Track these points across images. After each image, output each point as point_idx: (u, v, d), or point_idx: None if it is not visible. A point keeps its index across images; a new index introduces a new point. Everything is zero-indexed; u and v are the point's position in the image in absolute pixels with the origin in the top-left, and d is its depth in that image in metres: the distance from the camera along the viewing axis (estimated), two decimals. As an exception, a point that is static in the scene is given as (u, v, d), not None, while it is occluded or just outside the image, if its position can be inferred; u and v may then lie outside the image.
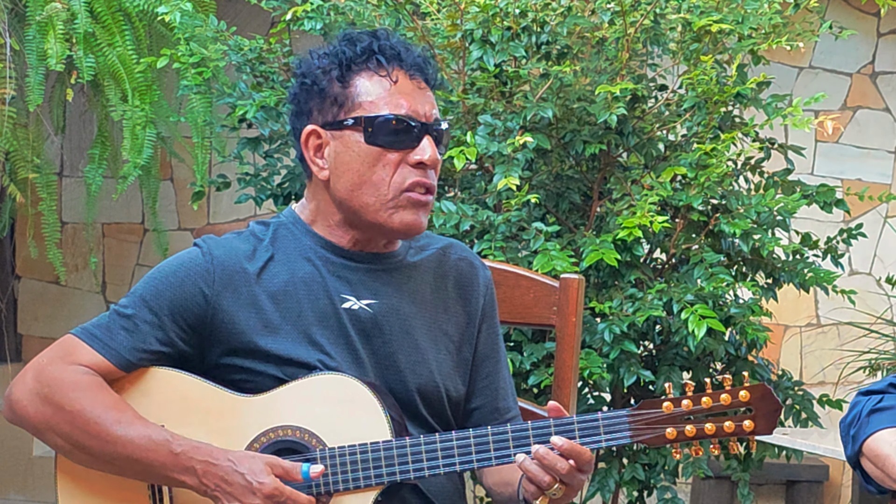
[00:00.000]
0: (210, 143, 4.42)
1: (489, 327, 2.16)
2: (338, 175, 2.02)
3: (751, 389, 1.87)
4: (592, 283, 3.25)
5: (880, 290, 5.73)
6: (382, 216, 2.00)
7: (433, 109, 2.04)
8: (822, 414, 3.49)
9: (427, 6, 3.26)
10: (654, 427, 1.88)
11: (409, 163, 2.00)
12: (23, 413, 1.98)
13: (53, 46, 4.17)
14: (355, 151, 2.00)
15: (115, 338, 1.98)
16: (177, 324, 1.99)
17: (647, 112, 3.31)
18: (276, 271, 2.02)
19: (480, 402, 2.15)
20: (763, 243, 3.17)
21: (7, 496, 5.75)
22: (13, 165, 4.58)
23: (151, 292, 2.00)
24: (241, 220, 6.13)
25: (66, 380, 1.95)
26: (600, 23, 3.26)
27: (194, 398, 1.98)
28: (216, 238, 2.06)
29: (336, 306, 2.01)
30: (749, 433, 1.88)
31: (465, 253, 2.17)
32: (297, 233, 2.06)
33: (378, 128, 1.99)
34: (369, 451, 1.93)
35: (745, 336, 3.16)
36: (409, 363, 2.04)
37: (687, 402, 1.88)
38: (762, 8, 3.24)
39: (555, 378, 2.28)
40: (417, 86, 2.03)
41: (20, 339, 6.33)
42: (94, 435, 1.93)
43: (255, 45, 3.49)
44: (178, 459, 1.91)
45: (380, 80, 2.02)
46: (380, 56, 2.02)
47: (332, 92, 2.02)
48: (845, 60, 5.95)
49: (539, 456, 1.89)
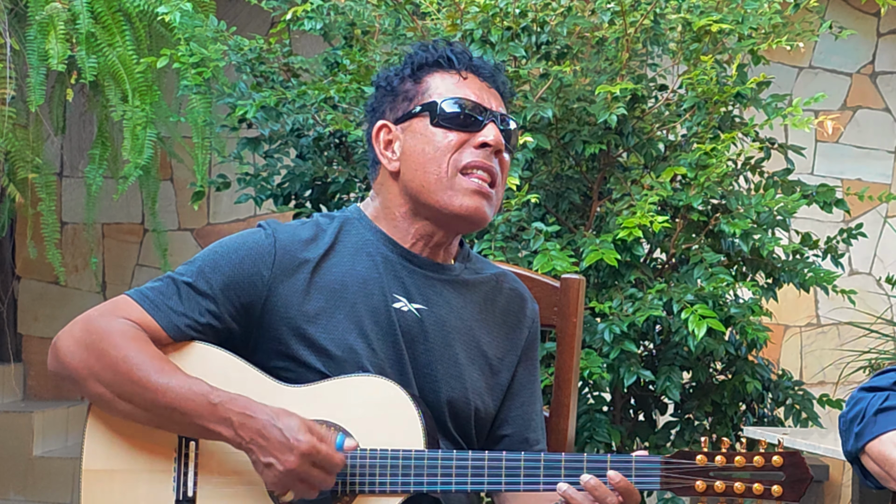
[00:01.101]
0: (210, 143, 4.42)
1: (529, 360, 2.18)
2: (405, 163, 2.05)
3: (785, 456, 1.91)
4: (592, 283, 3.25)
5: (880, 290, 5.74)
6: (443, 197, 2.01)
7: (500, 107, 2.08)
8: (822, 414, 3.49)
9: (427, 6, 3.26)
10: (684, 477, 1.92)
11: (473, 145, 2.03)
12: (67, 361, 1.98)
13: (55, 47, 4.18)
14: (422, 135, 2.04)
15: (168, 301, 1.99)
16: (230, 300, 2.00)
17: (647, 112, 3.31)
18: (335, 262, 2.04)
19: (511, 431, 2.16)
20: (763, 243, 3.17)
21: (7, 496, 5.75)
22: (12, 166, 4.58)
23: (210, 265, 2.01)
24: (241, 221, 6.13)
25: (114, 328, 1.96)
26: (600, 23, 3.27)
27: (236, 379, 1.98)
28: (279, 223, 2.08)
29: (388, 304, 2.02)
30: (776, 498, 1.92)
31: (517, 284, 2.20)
32: (361, 228, 2.08)
33: (443, 110, 2.03)
34: (400, 458, 1.93)
35: (745, 336, 3.16)
36: (445, 375, 2.05)
37: (720, 458, 1.92)
38: (762, 8, 3.24)
39: (555, 378, 2.28)
40: (487, 86, 2.08)
41: (20, 339, 6.33)
42: (135, 381, 1.93)
43: (255, 45, 3.49)
44: (216, 410, 1.90)
45: (450, 76, 2.07)
46: (452, 56, 2.08)
47: (404, 89, 2.08)
48: (845, 60, 5.96)
49: (591, 487, 1.90)
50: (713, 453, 1.92)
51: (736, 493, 1.91)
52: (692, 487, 1.91)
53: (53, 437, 5.92)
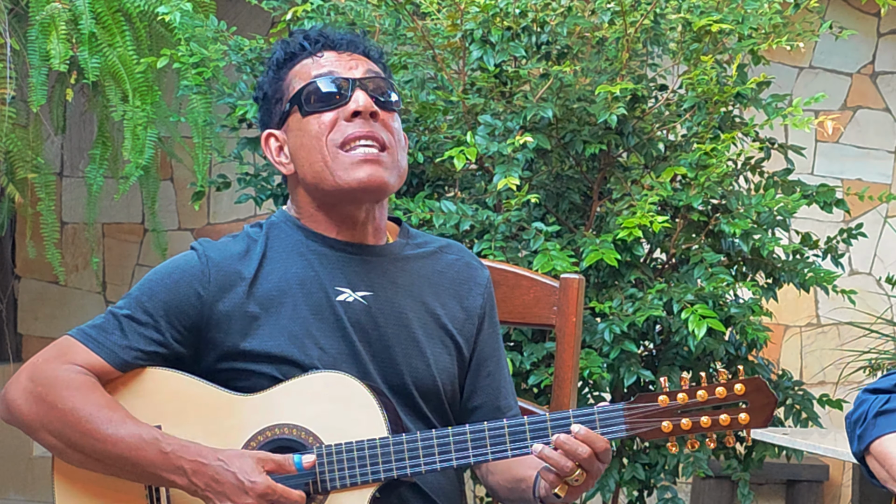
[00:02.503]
0: (210, 143, 4.42)
1: (489, 326, 2.16)
2: (296, 162, 2.05)
3: (746, 382, 1.89)
4: (592, 283, 3.25)
5: (880, 290, 5.73)
6: (335, 180, 2.00)
7: (367, 70, 2.05)
8: (822, 414, 3.49)
9: (427, 6, 3.26)
10: (649, 420, 1.90)
11: (345, 118, 2.01)
12: (17, 412, 1.98)
13: (56, 47, 4.17)
14: (299, 129, 2.03)
15: (111, 337, 1.99)
16: (172, 325, 2.00)
17: (647, 112, 3.31)
18: (270, 269, 2.03)
19: (482, 401, 2.15)
20: (763, 243, 3.17)
21: (7, 496, 5.75)
22: (11, 165, 4.58)
23: (147, 294, 2.01)
24: (241, 220, 6.13)
25: (60, 378, 1.96)
26: (600, 23, 3.27)
27: (190, 397, 1.98)
28: (211, 241, 2.08)
29: (331, 299, 2.02)
30: (745, 426, 1.89)
31: (463, 252, 2.18)
32: (289, 229, 2.07)
33: (306, 97, 2.02)
34: (366, 448, 1.93)
35: (745, 336, 3.16)
36: (405, 356, 2.04)
37: (682, 395, 1.89)
38: (762, 8, 3.24)
39: (555, 378, 2.28)
40: (348, 55, 2.06)
41: (20, 339, 6.33)
42: (84, 433, 1.93)
43: (255, 45, 3.49)
44: (168, 458, 1.91)
45: (308, 61, 2.06)
46: (303, 43, 2.06)
47: (273, 91, 2.08)
48: (845, 60, 5.95)
49: (559, 443, 1.89)
50: (675, 392, 1.90)
51: (703, 427, 1.89)
52: (658, 429, 1.89)
53: (53, 437, 5.91)
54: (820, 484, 5.56)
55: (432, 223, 3.08)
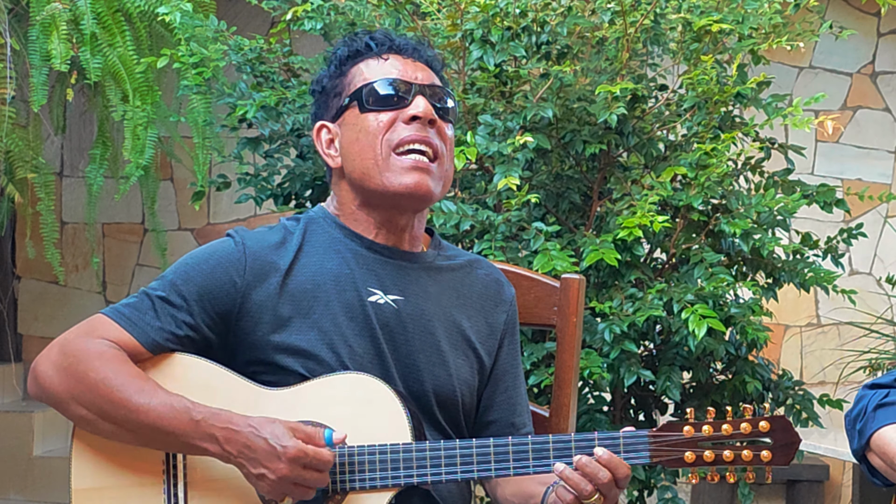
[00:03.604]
0: (210, 143, 4.42)
1: (510, 343, 2.18)
2: (345, 156, 2.06)
3: (771, 420, 1.90)
4: (592, 283, 3.25)
5: (880, 290, 5.74)
6: (383, 180, 2.01)
7: (430, 80, 2.07)
8: (822, 414, 3.49)
9: (427, 6, 3.26)
10: (673, 449, 1.91)
11: (403, 120, 2.02)
12: (48, 385, 1.99)
13: (57, 47, 4.17)
14: (354, 124, 2.05)
15: (144, 317, 1.99)
16: (205, 310, 2.00)
17: (647, 112, 3.31)
18: (305, 263, 2.04)
19: (497, 416, 2.16)
20: (763, 243, 3.17)
21: (7, 496, 5.75)
22: (11, 165, 4.59)
23: (182, 277, 2.02)
24: (241, 221, 6.13)
25: (91, 351, 1.96)
26: (600, 23, 3.26)
27: (218, 387, 1.98)
28: (247, 230, 2.08)
29: (363, 299, 2.02)
30: (766, 463, 1.91)
31: (492, 269, 2.20)
32: (327, 226, 2.08)
33: (368, 94, 2.04)
34: (388, 452, 1.93)
35: (746, 336, 3.16)
36: (428, 364, 2.05)
37: (707, 427, 1.91)
38: (762, 8, 3.24)
39: (555, 378, 2.28)
40: (412, 61, 2.08)
41: (20, 339, 6.33)
42: (116, 403, 1.93)
43: (255, 45, 3.49)
44: (200, 426, 1.91)
45: (373, 61, 2.07)
46: (371, 42, 2.08)
47: (332, 86, 2.09)
48: (845, 60, 5.96)
49: (581, 465, 1.90)
50: (700, 423, 1.91)
51: (725, 461, 1.90)
52: (682, 459, 1.90)
53: (53, 437, 5.92)
54: (820, 484, 5.56)
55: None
